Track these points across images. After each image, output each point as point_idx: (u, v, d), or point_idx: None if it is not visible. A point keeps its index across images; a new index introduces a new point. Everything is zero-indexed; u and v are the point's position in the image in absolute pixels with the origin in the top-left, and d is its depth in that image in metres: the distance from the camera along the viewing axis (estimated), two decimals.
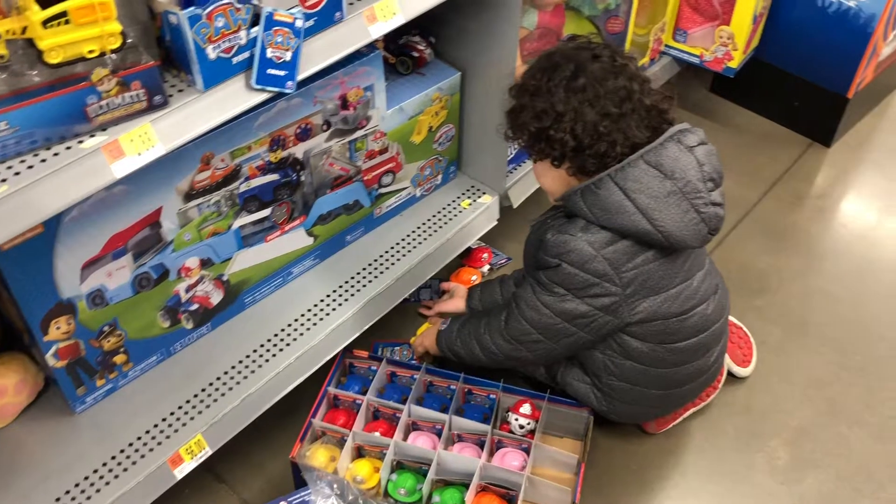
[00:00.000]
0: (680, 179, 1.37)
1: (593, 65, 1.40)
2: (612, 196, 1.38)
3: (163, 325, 1.50)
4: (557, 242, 1.43)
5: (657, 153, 1.38)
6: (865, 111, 2.62)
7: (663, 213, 1.37)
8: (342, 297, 1.69)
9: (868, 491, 1.66)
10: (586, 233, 1.41)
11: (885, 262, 2.17)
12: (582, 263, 1.42)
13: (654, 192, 1.37)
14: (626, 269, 1.42)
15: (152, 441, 1.43)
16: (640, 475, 1.68)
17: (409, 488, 1.54)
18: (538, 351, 1.56)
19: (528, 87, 1.44)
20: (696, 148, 1.40)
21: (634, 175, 1.37)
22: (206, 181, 1.40)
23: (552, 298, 1.47)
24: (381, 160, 1.71)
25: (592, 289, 1.44)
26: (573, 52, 1.43)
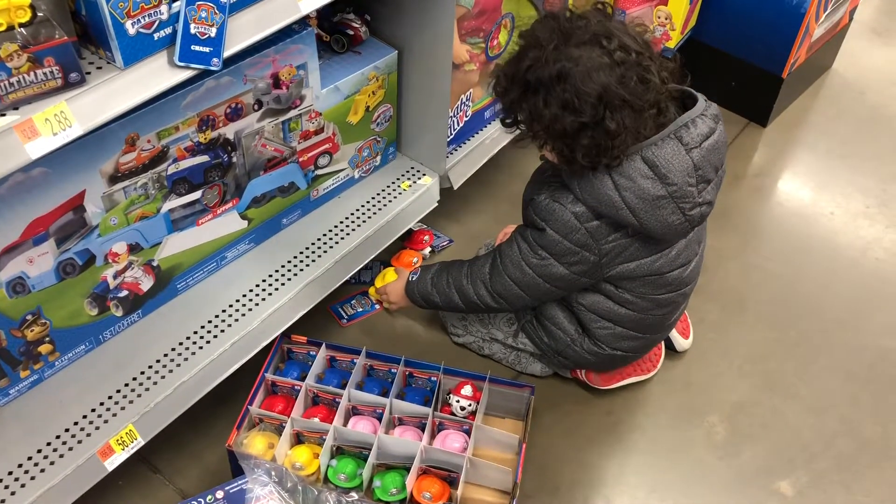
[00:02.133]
0: (671, 184, 1.37)
1: (624, 60, 1.32)
2: (603, 188, 1.39)
3: (91, 313, 1.45)
4: (548, 208, 1.46)
5: (655, 150, 1.36)
6: (799, 91, 2.67)
7: (649, 215, 1.39)
8: (279, 281, 1.65)
9: (801, 462, 1.70)
10: (574, 205, 1.44)
11: (818, 239, 2.21)
12: (566, 233, 1.46)
13: (644, 195, 1.37)
14: (606, 242, 1.47)
15: (81, 433, 1.38)
16: (582, 453, 1.69)
17: (350, 473, 1.52)
18: (518, 303, 1.64)
19: (549, 73, 1.33)
20: (696, 149, 1.37)
21: (628, 171, 1.37)
22: (132, 163, 1.35)
23: (536, 261, 1.53)
24: (317, 141, 1.67)
25: (573, 256, 1.49)
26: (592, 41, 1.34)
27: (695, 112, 1.40)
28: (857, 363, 1.90)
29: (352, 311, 1.93)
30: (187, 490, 1.58)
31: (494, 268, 1.61)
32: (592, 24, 1.34)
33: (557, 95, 1.32)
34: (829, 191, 2.36)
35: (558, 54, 1.32)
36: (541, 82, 1.33)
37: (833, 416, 1.79)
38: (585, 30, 1.33)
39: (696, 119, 1.39)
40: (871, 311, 2.02)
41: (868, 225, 2.25)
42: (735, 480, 1.67)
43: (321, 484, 1.53)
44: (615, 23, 1.37)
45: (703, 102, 1.43)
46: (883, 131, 2.59)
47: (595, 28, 1.34)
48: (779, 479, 1.67)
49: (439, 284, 1.70)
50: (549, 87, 1.33)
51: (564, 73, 1.31)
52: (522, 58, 1.37)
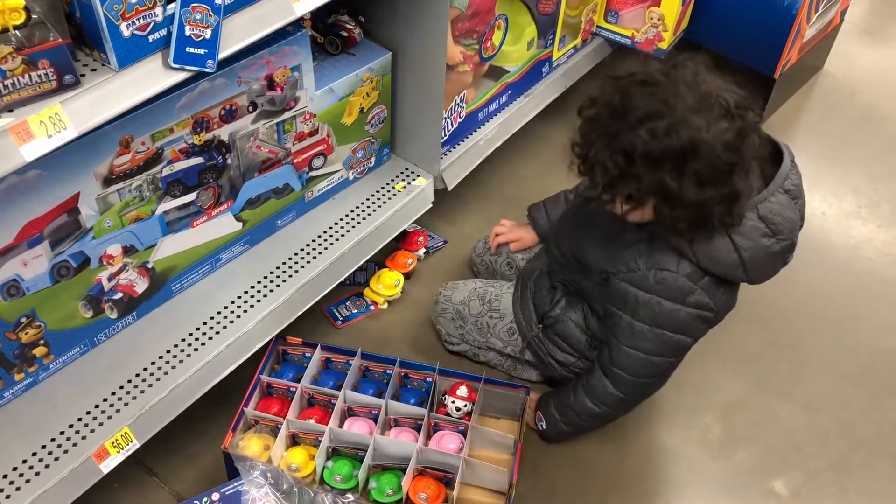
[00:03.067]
0: (784, 239, 1.35)
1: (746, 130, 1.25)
2: (723, 248, 1.34)
3: (85, 316, 1.45)
4: (657, 279, 1.39)
5: (770, 206, 1.33)
6: (791, 92, 2.68)
7: (760, 269, 1.38)
8: (274, 283, 1.65)
9: (796, 461, 1.71)
10: (682, 266, 1.38)
11: (810, 239, 2.22)
12: (683, 299, 1.40)
13: (759, 251, 1.34)
14: (719, 296, 1.43)
15: (76, 435, 1.38)
16: (576, 454, 1.69)
17: (346, 475, 1.52)
18: (649, 391, 1.61)
19: (679, 145, 1.21)
20: (800, 199, 1.37)
21: (748, 231, 1.33)
22: (127, 165, 1.35)
23: (661, 345, 1.46)
24: (312, 142, 1.67)
25: (694, 322, 1.43)
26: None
27: (787, 158, 1.37)
28: (850, 363, 1.91)
29: (346, 312, 1.93)
30: (183, 492, 1.58)
31: (617, 380, 1.53)
32: (703, 86, 1.24)
33: (688, 169, 1.22)
34: (821, 191, 2.37)
35: (685, 124, 1.20)
36: (667, 155, 1.22)
37: (827, 415, 1.80)
38: (704, 94, 1.23)
39: (793, 168, 1.38)
40: (864, 310, 2.03)
41: (860, 225, 2.26)
42: (730, 480, 1.67)
43: (317, 485, 1.53)
44: (711, 79, 1.27)
45: (785, 148, 1.39)
46: (874, 131, 2.60)
47: (706, 90, 1.24)
48: (773, 478, 1.68)
49: (573, 422, 1.63)
50: (677, 160, 1.22)
51: (696, 144, 1.21)
52: (633, 133, 1.23)
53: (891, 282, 2.10)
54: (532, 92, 2.16)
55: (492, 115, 2.05)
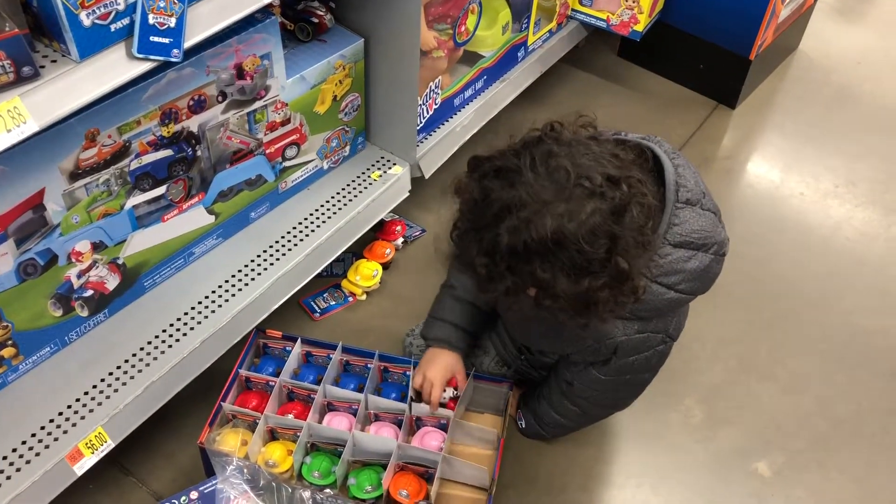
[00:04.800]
0: (711, 245, 1.25)
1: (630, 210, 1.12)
2: (658, 297, 1.25)
3: (55, 314, 1.41)
4: (608, 348, 1.34)
5: (678, 230, 1.22)
6: (767, 73, 2.68)
7: (705, 283, 1.28)
8: (249, 276, 1.62)
9: (778, 442, 1.71)
10: (628, 326, 1.32)
11: (789, 220, 2.22)
12: (639, 350, 1.35)
13: (695, 274, 1.25)
14: (672, 324, 1.36)
15: (48, 437, 1.35)
16: (558, 441, 1.68)
17: (324, 471, 1.49)
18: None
19: (541, 239, 1.09)
20: (704, 198, 1.26)
21: (669, 266, 1.23)
22: (93, 159, 1.31)
23: (621, 384, 1.44)
24: (284, 132, 1.64)
25: (653, 359, 1.39)
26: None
27: (668, 163, 1.24)
28: (830, 343, 1.91)
29: (324, 304, 1.91)
30: (161, 491, 1.55)
31: (577, 403, 1.52)
32: (564, 165, 1.10)
33: (558, 261, 1.10)
34: (799, 171, 2.37)
35: (543, 216, 1.08)
36: (531, 251, 1.10)
37: (808, 396, 1.80)
38: (561, 175, 1.10)
39: (678, 169, 1.25)
40: (842, 290, 2.04)
41: (838, 205, 2.26)
42: (713, 463, 1.67)
43: (295, 481, 1.50)
44: (579, 147, 1.14)
45: (663, 150, 1.26)
46: (850, 111, 2.60)
47: (568, 169, 1.10)
48: (756, 460, 1.68)
49: (546, 429, 1.62)
50: (545, 254, 1.10)
51: (560, 235, 1.08)
52: (496, 230, 1.11)
53: (868, 261, 2.11)
54: (508, 77, 2.14)
55: (468, 100, 2.03)
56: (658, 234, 1.21)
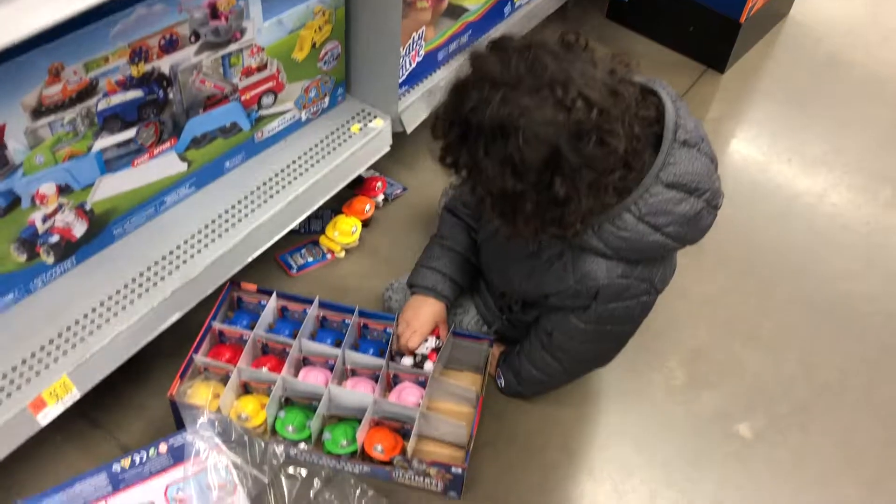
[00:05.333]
0: (705, 192, 1.22)
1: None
2: (643, 237, 1.22)
3: (18, 260, 1.36)
4: (590, 289, 1.30)
5: (673, 169, 1.19)
6: (757, 38, 2.64)
7: (694, 231, 1.25)
8: (223, 227, 1.57)
9: (760, 405, 1.69)
10: (612, 269, 1.27)
11: (776, 185, 2.19)
12: (619, 297, 1.31)
13: (685, 219, 1.22)
14: (657, 274, 1.33)
15: (10, 386, 1.30)
16: (540, 400, 1.65)
17: (298, 425, 1.46)
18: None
19: (490, 122, 1.10)
20: (703, 142, 1.23)
21: (659, 206, 1.19)
22: (58, 96, 1.25)
23: (599, 336, 1.41)
24: (260, 78, 1.58)
25: (635, 310, 1.36)
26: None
27: (670, 104, 1.22)
28: (815, 308, 1.89)
29: (301, 260, 1.86)
30: (130, 444, 1.51)
31: (556, 356, 1.48)
32: (550, 67, 1.09)
33: (498, 150, 1.10)
34: (787, 137, 2.34)
35: (503, 100, 1.08)
36: (481, 130, 1.11)
37: (791, 360, 1.78)
38: (541, 73, 1.09)
39: (679, 111, 1.22)
40: (828, 255, 2.01)
41: (826, 171, 2.24)
42: (695, 424, 1.65)
43: (268, 436, 1.47)
44: (581, 65, 1.12)
45: (666, 92, 1.25)
46: (839, 78, 2.57)
47: (553, 72, 1.09)
48: (737, 422, 1.66)
49: (525, 386, 1.59)
50: (491, 138, 1.11)
51: (508, 125, 1.08)
52: (465, 95, 1.13)
53: (854, 227, 2.09)
54: (493, 32, 2.08)
55: (452, 55, 1.97)
56: (652, 172, 1.19)
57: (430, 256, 1.60)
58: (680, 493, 1.54)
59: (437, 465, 1.42)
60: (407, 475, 1.46)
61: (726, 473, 1.58)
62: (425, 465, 1.42)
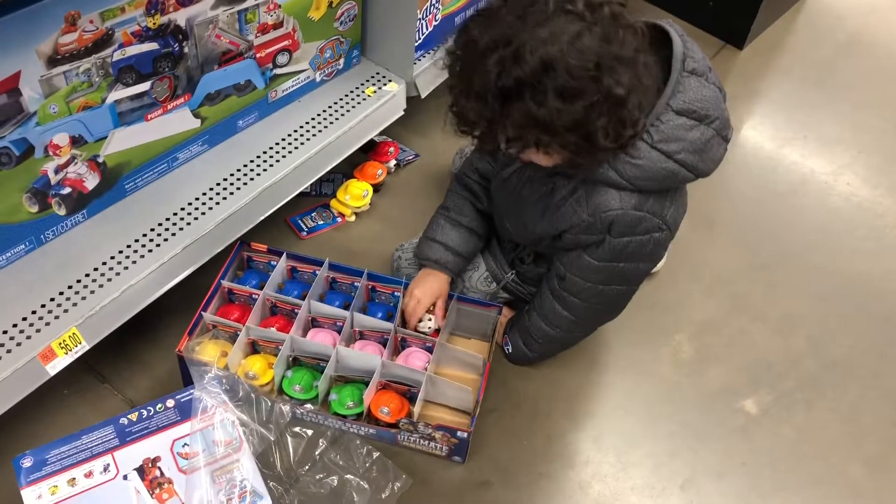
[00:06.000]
0: (715, 119, 1.23)
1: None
2: (656, 164, 1.22)
3: (30, 210, 1.35)
4: (602, 222, 1.29)
5: (682, 97, 1.20)
6: (777, 15, 2.60)
7: (705, 161, 1.25)
8: (234, 185, 1.57)
9: (766, 381, 1.68)
10: (625, 199, 1.27)
11: (790, 162, 2.17)
12: (633, 229, 1.31)
13: (696, 146, 1.22)
14: (668, 210, 1.32)
15: (20, 335, 1.30)
16: (547, 368, 1.65)
17: (305, 385, 1.46)
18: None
19: (529, 68, 1.09)
20: (710, 72, 1.24)
21: (670, 132, 1.20)
22: (73, 45, 1.25)
23: (610, 277, 1.39)
24: (276, 36, 1.56)
25: (647, 246, 1.34)
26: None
27: (676, 36, 1.23)
28: (825, 285, 1.88)
29: (312, 223, 1.86)
30: (136, 399, 1.52)
31: (568, 304, 1.47)
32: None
33: (549, 88, 1.09)
34: (804, 115, 2.31)
35: (527, 44, 1.08)
36: (523, 83, 1.10)
37: (799, 337, 1.77)
38: (539, 3, 1.11)
39: (686, 43, 1.23)
40: (840, 234, 2.00)
41: (842, 150, 2.21)
42: (700, 398, 1.65)
43: (275, 395, 1.47)
44: None
45: (672, 27, 1.25)
46: (859, 58, 2.54)
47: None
48: (743, 397, 1.65)
49: (533, 346, 1.58)
50: (535, 84, 1.09)
51: (547, 59, 1.08)
52: (482, 69, 1.12)
53: (868, 207, 2.07)
54: None
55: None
56: (662, 100, 1.20)
57: (436, 229, 1.61)
58: (683, 465, 1.54)
59: (442, 429, 1.43)
60: (412, 438, 1.46)
61: (730, 448, 1.58)
62: (431, 428, 1.43)
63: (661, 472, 1.53)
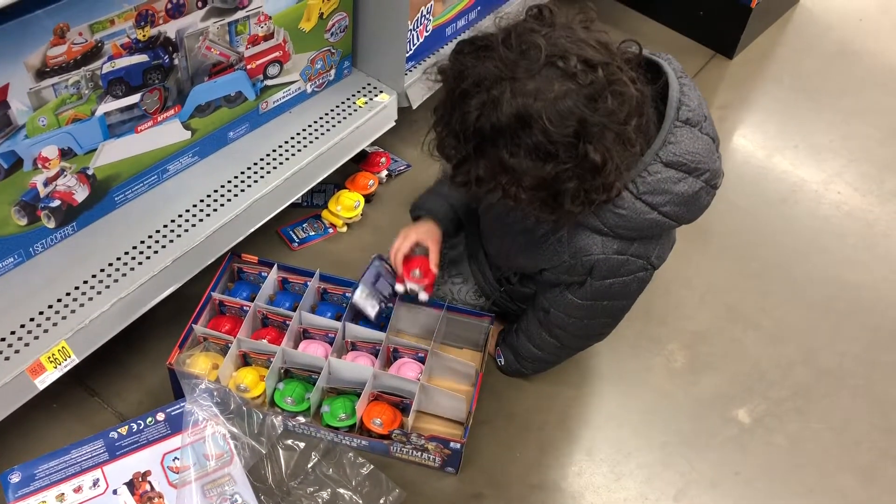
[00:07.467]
0: (704, 172, 1.20)
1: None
2: (640, 215, 1.20)
3: (19, 223, 1.35)
4: (584, 266, 1.28)
5: (673, 148, 1.17)
6: (767, 24, 2.62)
7: (691, 211, 1.24)
8: (225, 197, 1.56)
9: (759, 390, 1.68)
10: (608, 244, 1.26)
11: (781, 171, 2.18)
12: (616, 273, 1.29)
13: (682, 198, 1.20)
14: (654, 252, 1.31)
15: (8, 349, 1.29)
16: (540, 381, 1.64)
17: (297, 397, 1.46)
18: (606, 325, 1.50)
19: (506, 119, 1.06)
20: (704, 122, 1.21)
21: (657, 185, 1.18)
22: (62, 57, 1.24)
23: (593, 313, 1.39)
24: (266, 47, 1.56)
25: (631, 285, 1.33)
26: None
27: (674, 80, 1.21)
28: (817, 295, 1.88)
29: (303, 234, 1.85)
30: (126, 413, 1.50)
31: (553, 334, 1.47)
32: (541, 44, 1.06)
33: (523, 142, 1.07)
34: (794, 124, 2.32)
35: (510, 93, 1.05)
36: (498, 131, 1.07)
37: (792, 346, 1.77)
38: (535, 53, 1.06)
39: (683, 88, 1.21)
40: (831, 243, 2.00)
41: (831, 158, 2.22)
42: (693, 408, 1.64)
43: (267, 407, 1.46)
44: (563, 31, 1.10)
45: (669, 65, 1.23)
46: (849, 67, 2.55)
47: (546, 48, 1.06)
48: (736, 407, 1.65)
49: (524, 364, 1.58)
50: (510, 135, 1.07)
51: (526, 115, 1.05)
52: (464, 107, 1.09)
53: (859, 215, 2.08)
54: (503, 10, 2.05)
55: (460, 31, 1.95)
56: (651, 150, 1.17)
57: (440, 185, 1.57)
58: (676, 475, 1.54)
59: (435, 440, 1.42)
60: (405, 450, 1.46)
61: (723, 458, 1.57)
62: (424, 439, 1.42)
63: (654, 482, 1.52)
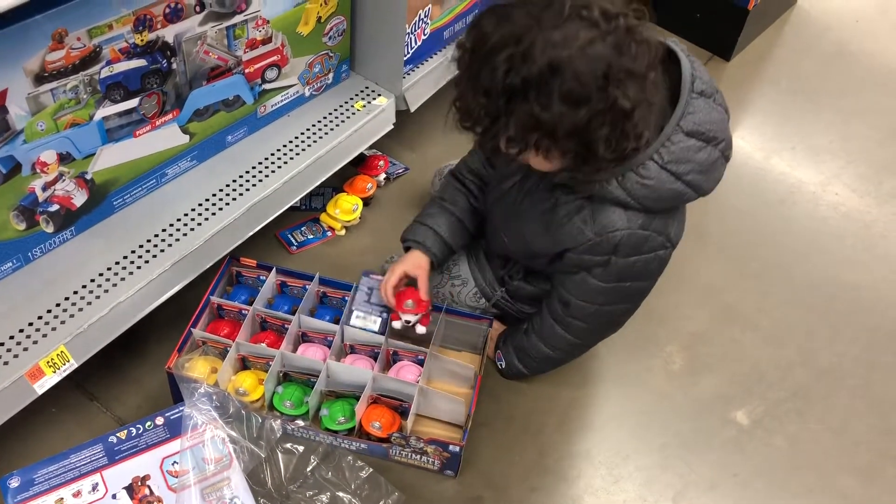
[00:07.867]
0: (720, 141, 1.25)
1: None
2: (665, 185, 1.23)
3: (18, 228, 1.35)
4: (608, 242, 1.29)
5: (693, 118, 1.21)
6: (764, 26, 2.62)
7: (709, 181, 1.27)
8: (223, 201, 1.56)
9: (758, 391, 1.69)
10: (632, 218, 1.28)
11: (779, 172, 2.18)
12: (638, 249, 1.31)
13: (702, 167, 1.24)
14: (672, 228, 1.34)
15: (7, 354, 1.29)
16: (539, 384, 1.64)
17: (296, 400, 1.46)
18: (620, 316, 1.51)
19: (537, 68, 1.07)
20: (717, 93, 1.25)
21: (680, 154, 1.22)
22: (60, 62, 1.24)
23: (614, 296, 1.40)
24: (265, 51, 1.56)
25: (651, 264, 1.35)
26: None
27: (684, 56, 1.24)
28: (815, 296, 1.88)
29: (301, 238, 1.85)
30: (125, 417, 1.51)
31: (570, 328, 1.47)
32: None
33: (555, 90, 1.08)
34: (791, 126, 2.33)
35: (540, 44, 1.07)
36: (529, 83, 1.08)
37: (790, 347, 1.78)
38: (559, 5, 1.10)
39: (694, 65, 1.24)
40: (830, 244, 2.01)
41: (830, 159, 2.23)
42: (692, 409, 1.65)
43: (266, 411, 1.47)
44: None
45: (678, 46, 1.26)
46: (846, 68, 2.56)
47: (569, 0, 1.10)
48: (735, 408, 1.65)
49: (528, 364, 1.58)
50: (541, 85, 1.08)
51: (556, 62, 1.07)
52: (491, 65, 1.10)
53: (856, 216, 2.08)
54: None
55: (458, 34, 1.96)
56: (672, 121, 1.21)
57: (427, 214, 1.59)
58: (675, 477, 1.54)
59: (434, 443, 1.42)
60: (404, 453, 1.46)
61: (722, 459, 1.57)
62: (423, 442, 1.42)
63: (652, 484, 1.53)
